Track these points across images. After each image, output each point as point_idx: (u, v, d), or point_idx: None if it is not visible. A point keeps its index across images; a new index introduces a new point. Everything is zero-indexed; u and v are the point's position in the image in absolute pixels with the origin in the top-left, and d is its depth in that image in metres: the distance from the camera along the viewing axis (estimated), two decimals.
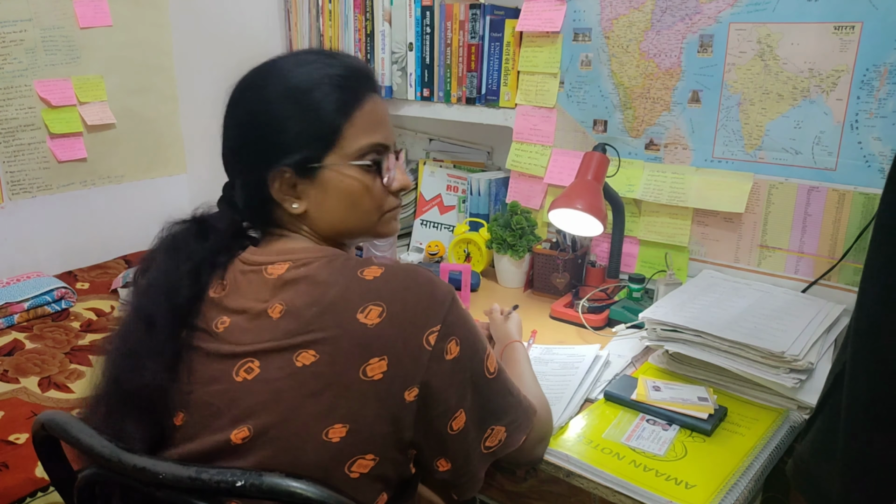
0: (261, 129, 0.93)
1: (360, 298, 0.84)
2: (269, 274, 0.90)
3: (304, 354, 0.82)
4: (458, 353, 0.87)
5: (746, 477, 1.03)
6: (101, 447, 0.80)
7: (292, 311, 0.85)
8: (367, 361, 0.82)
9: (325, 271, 0.88)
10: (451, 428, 0.88)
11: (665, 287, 1.54)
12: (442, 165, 2.13)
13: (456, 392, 0.87)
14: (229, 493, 0.76)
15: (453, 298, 0.88)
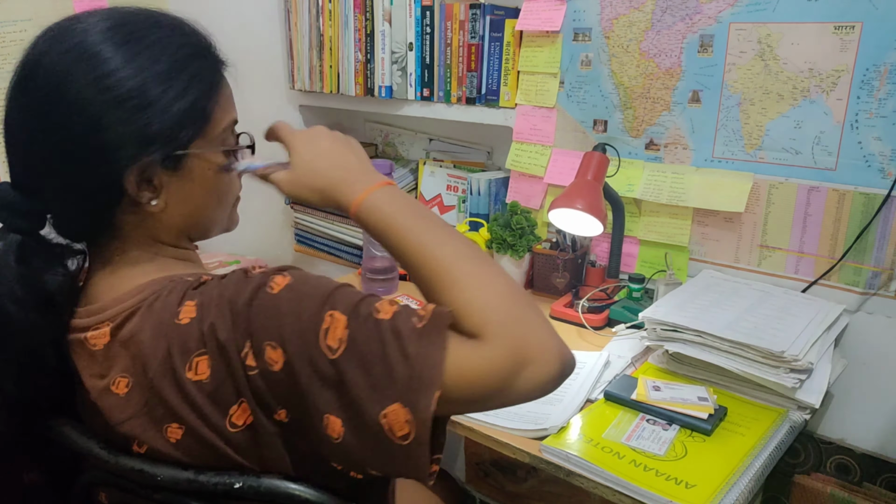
0: (107, 116, 0.74)
1: (182, 354, 0.73)
2: (93, 345, 0.77)
3: (171, 429, 0.75)
4: (284, 357, 0.70)
5: (746, 477, 1.03)
6: (99, 450, 0.80)
7: (135, 384, 0.75)
8: (227, 414, 0.73)
9: (147, 328, 0.75)
10: (330, 436, 0.70)
11: (665, 287, 1.54)
12: (442, 165, 2.13)
13: (308, 398, 0.70)
14: (227, 495, 0.76)
15: (254, 293, 0.72)
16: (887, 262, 1.39)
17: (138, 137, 0.75)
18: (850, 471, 1.46)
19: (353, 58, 2.07)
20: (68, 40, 0.75)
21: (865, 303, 1.42)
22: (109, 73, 0.74)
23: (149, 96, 0.75)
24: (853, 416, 1.47)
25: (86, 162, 0.75)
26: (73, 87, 0.73)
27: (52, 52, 0.74)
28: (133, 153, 0.75)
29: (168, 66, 0.77)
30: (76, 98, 0.73)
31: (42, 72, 0.74)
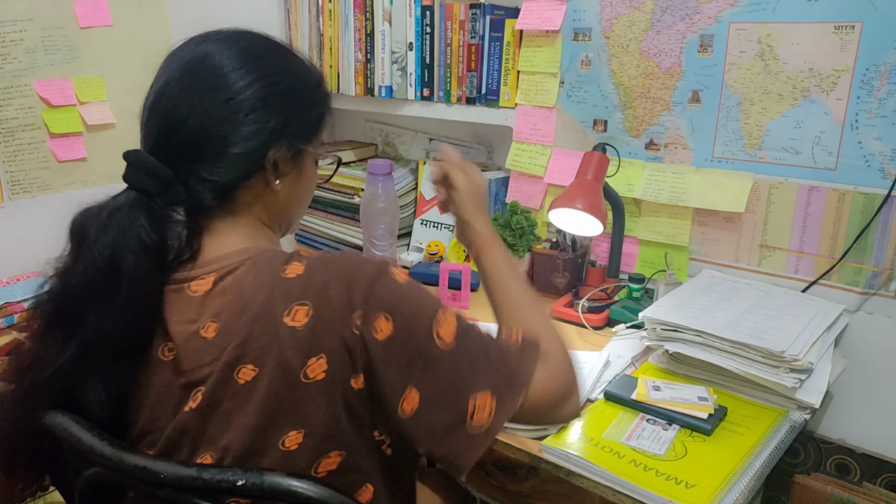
0: (277, 104, 0.90)
1: (285, 300, 0.80)
2: (194, 292, 0.85)
3: (244, 370, 0.80)
4: (393, 331, 0.80)
5: (746, 476, 1.03)
6: (102, 447, 0.80)
7: (225, 326, 0.82)
8: (305, 364, 0.79)
9: (250, 276, 0.84)
10: (402, 411, 0.81)
11: (665, 287, 1.54)
12: None
13: (399, 372, 0.80)
14: (230, 493, 0.76)
15: (380, 273, 0.83)
16: (887, 262, 1.39)
17: (287, 124, 0.91)
18: (850, 471, 1.46)
19: (353, 58, 2.08)
20: (238, 43, 0.94)
21: (865, 303, 1.43)
22: (276, 72, 0.91)
23: (301, 96, 0.93)
24: (853, 416, 1.47)
25: (245, 139, 0.87)
26: (243, 77, 0.88)
27: (222, 51, 0.90)
28: (281, 136, 0.90)
29: (315, 80, 0.97)
30: (244, 86, 0.88)
31: (212, 64, 0.89)
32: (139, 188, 0.86)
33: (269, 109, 0.89)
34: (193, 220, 0.90)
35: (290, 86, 0.93)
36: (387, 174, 1.86)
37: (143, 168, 0.86)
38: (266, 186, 0.92)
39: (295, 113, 0.92)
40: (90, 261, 0.83)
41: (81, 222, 0.88)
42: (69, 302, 0.84)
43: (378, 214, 1.86)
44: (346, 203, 2.17)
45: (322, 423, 0.80)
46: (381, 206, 1.85)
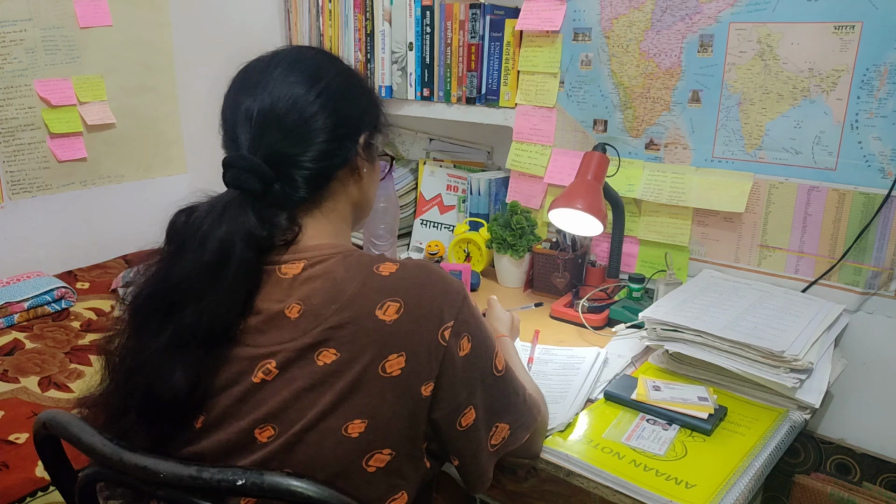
0: (351, 96, 0.97)
1: (378, 294, 0.85)
2: (283, 274, 0.89)
3: (325, 353, 0.83)
4: (470, 350, 0.88)
5: (746, 476, 1.03)
6: (102, 446, 0.80)
7: (311, 310, 0.85)
8: (385, 358, 0.83)
9: (341, 268, 0.88)
10: (460, 424, 0.89)
11: (665, 287, 1.54)
12: (442, 165, 2.13)
13: (466, 388, 0.88)
14: (230, 492, 0.76)
15: (465, 296, 0.90)
16: (887, 262, 1.39)
17: (365, 113, 0.99)
18: (850, 471, 1.46)
19: (353, 58, 2.08)
20: (311, 50, 1.01)
21: (865, 303, 1.43)
22: (346, 70, 1.00)
23: (370, 92, 1.02)
24: (853, 416, 1.47)
25: (335, 127, 0.93)
26: (326, 74, 0.95)
27: (301, 53, 0.98)
28: (364, 123, 0.98)
29: (371, 86, 1.06)
30: (331, 77, 0.95)
31: (301, 67, 0.95)
32: (244, 187, 0.89)
33: (345, 103, 0.96)
34: (291, 212, 0.93)
35: (355, 83, 1.00)
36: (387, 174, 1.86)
37: (246, 168, 0.89)
38: (351, 177, 0.98)
39: (366, 105, 1.00)
40: (200, 253, 0.85)
41: (185, 221, 0.89)
42: (170, 296, 0.86)
43: (378, 214, 1.86)
44: None
45: (386, 418, 0.84)
46: (381, 206, 1.85)
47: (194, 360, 0.84)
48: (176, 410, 0.85)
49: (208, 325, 0.84)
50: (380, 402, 0.83)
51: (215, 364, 0.86)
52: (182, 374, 0.84)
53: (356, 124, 0.97)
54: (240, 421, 0.84)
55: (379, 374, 0.83)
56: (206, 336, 0.85)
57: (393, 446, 0.85)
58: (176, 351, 0.84)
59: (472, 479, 0.94)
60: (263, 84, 0.93)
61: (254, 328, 0.87)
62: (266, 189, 0.90)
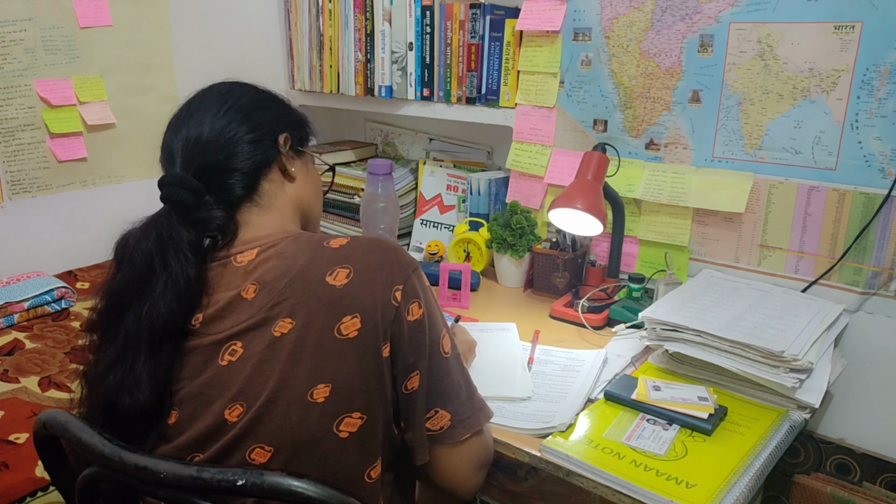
0: (260, 107, 1.05)
1: (328, 263, 0.90)
2: (238, 262, 0.93)
3: (281, 323, 0.87)
4: (420, 317, 0.92)
5: (747, 476, 1.03)
6: (102, 446, 0.80)
7: (265, 286, 0.89)
8: (340, 320, 0.86)
9: (292, 247, 0.93)
10: (405, 387, 0.92)
11: (665, 287, 1.54)
12: (442, 165, 2.13)
13: (414, 353, 0.91)
14: (230, 492, 0.76)
15: (417, 267, 0.94)
16: (887, 262, 1.39)
17: (283, 116, 1.08)
18: (850, 471, 1.46)
19: (353, 58, 2.08)
20: (243, 83, 1.10)
21: (865, 302, 1.43)
22: (259, 88, 1.10)
23: (284, 101, 1.11)
24: (853, 415, 1.47)
25: (254, 129, 1.02)
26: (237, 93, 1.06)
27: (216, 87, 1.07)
28: (281, 125, 1.06)
29: (287, 102, 1.13)
30: (241, 94, 1.05)
31: (214, 92, 1.05)
32: (176, 199, 0.95)
33: (260, 109, 1.04)
34: (229, 214, 0.98)
35: (268, 95, 1.09)
36: (387, 174, 1.86)
37: (175, 183, 0.96)
38: (283, 176, 1.04)
39: (281, 111, 1.08)
40: (129, 264, 0.92)
41: (123, 240, 0.97)
42: (113, 304, 0.92)
43: (378, 214, 1.86)
44: (346, 203, 2.17)
45: (349, 380, 0.87)
46: (381, 206, 1.85)
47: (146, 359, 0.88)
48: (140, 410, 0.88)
49: (148, 326, 0.89)
50: (340, 364, 0.86)
51: (171, 361, 0.90)
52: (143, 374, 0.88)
53: (271, 128, 1.04)
54: (212, 406, 0.87)
55: (335, 336, 0.86)
56: (151, 335, 0.89)
57: (362, 409, 0.88)
58: (127, 355, 0.89)
59: (411, 447, 0.96)
60: (189, 117, 1.03)
61: (213, 317, 0.91)
62: (198, 199, 0.96)
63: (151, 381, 0.88)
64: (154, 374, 0.88)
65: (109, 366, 0.90)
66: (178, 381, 0.90)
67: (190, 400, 0.89)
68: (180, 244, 0.92)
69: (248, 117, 1.02)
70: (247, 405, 0.86)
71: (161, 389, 0.89)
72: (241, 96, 1.05)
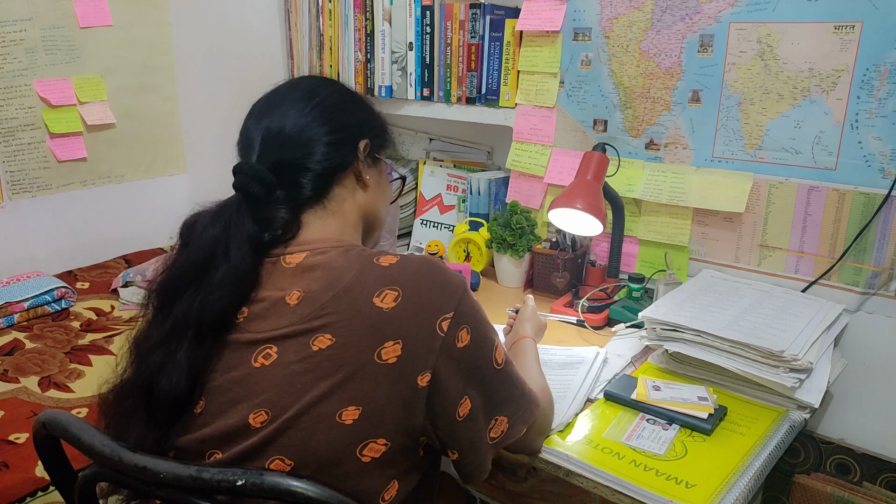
0: (346, 108, 1.05)
1: (376, 283, 0.88)
2: (287, 263, 0.93)
3: (321, 338, 0.85)
4: (469, 342, 0.89)
5: (746, 476, 1.03)
6: (102, 446, 0.80)
7: (309, 296, 0.88)
8: (382, 344, 0.85)
9: (340, 259, 0.92)
10: (458, 415, 0.89)
11: (665, 287, 1.54)
12: (442, 165, 2.13)
13: (464, 379, 0.89)
14: (230, 492, 0.76)
15: (465, 289, 0.92)
16: (887, 262, 1.39)
17: (366, 121, 1.07)
18: (850, 470, 1.46)
19: (353, 57, 2.08)
20: (329, 79, 1.11)
21: (865, 302, 1.43)
22: (345, 88, 1.09)
23: (369, 105, 1.11)
24: (853, 415, 1.48)
25: (335, 131, 1.01)
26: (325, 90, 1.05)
27: (303, 79, 1.09)
28: (363, 131, 1.05)
29: (372, 104, 1.12)
30: (327, 94, 1.04)
31: (301, 86, 1.05)
32: (247, 191, 0.96)
33: (344, 111, 1.04)
34: (294, 211, 0.98)
35: (353, 97, 1.08)
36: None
37: (250, 173, 0.96)
38: (356, 184, 1.04)
39: (365, 116, 1.08)
40: (195, 248, 0.93)
41: (192, 222, 0.96)
42: (171, 284, 0.93)
43: None
44: None
45: (380, 406, 0.85)
46: None
47: (190, 347, 0.89)
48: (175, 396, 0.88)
49: (199, 315, 0.89)
50: (374, 389, 0.84)
51: (211, 352, 0.90)
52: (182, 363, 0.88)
53: (354, 132, 1.03)
54: (238, 405, 0.87)
55: (374, 360, 0.84)
56: (199, 325, 0.89)
57: (388, 436, 0.86)
58: (174, 339, 0.90)
59: (470, 471, 0.95)
60: (274, 107, 1.02)
61: (256, 315, 0.90)
62: (269, 193, 0.96)
63: (190, 369, 0.89)
64: (193, 363, 0.89)
65: (155, 345, 0.91)
66: (212, 371, 0.90)
67: (218, 394, 0.89)
68: (244, 236, 0.93)
69: (331, 118, 1.02)
70: (272, 414, 0.85)
71: (196, 378, 0.89)
72: (329, 95, 1.04)
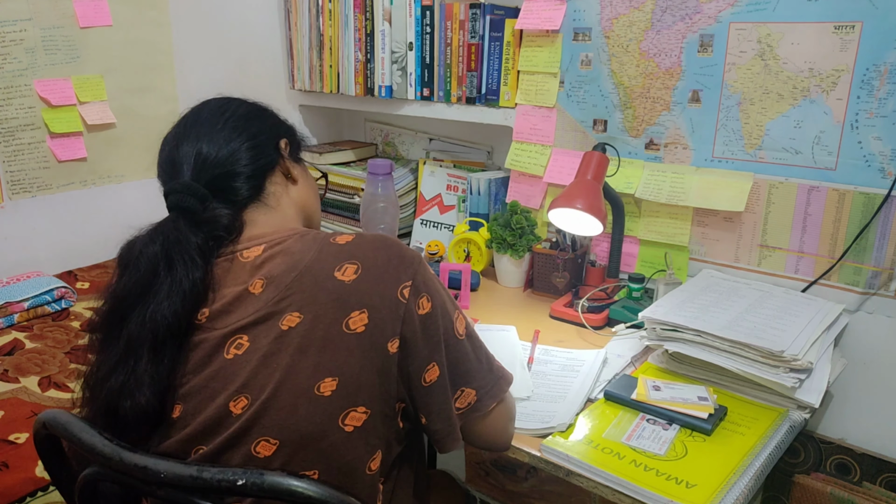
0: (256, 116, 1.09)
1: (335, 259, 0.91)
2: (245, 258, 0.95)
3: (289, 317, 0.88)
4: (430, 309, 0.93)
5: (747, 476, 1.03)
6: (102, 446, 0.80)
7: (272, 280, 0.91)
8: (348, 315, 0.88)
9: (298, 243, 0.95)
10: (424, 380, 0.92)
11: (665, 287, 1.54)
12: (442, 165, 2.13)
13: (428, 346, 0.92)
14: (230, 492, 0.76)
15: (421, 261, 0.95)
16: (887, 262, 1.39)
17: (279, 125, 1.13)
18: (850, 470, 1.46)
19: (353, 57, 2.08)
20: (233, 98, 1.13)
21: (865, 302, 1.43)
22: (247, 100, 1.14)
23: (274, 113, 1.15)
24: (853, 415, 1.48)
25: (255, 136, 1.06)
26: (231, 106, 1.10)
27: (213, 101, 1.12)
28: (279, 132, 1.11)
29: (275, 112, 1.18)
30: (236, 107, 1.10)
31: (210, 107, 1.11)
32: (182, 206, 0.97)
33: (257, 119, 1.08)
34: (235, 213, 1.00)
35: (262, 107, 1.13)
36: (387, 174, 1.86)
37: (184, 191, 0.97)
38: (286, 179, 1.08)
39: (275, 121, 1.13)
40: (135, 268, 0.92)
41: (128, 246, 0.96)
42: (115, 310, 0.93)
43: (378, 214, 1.86)
44: (346, 203, 2.17)
45: (355, 374, 0.87)
46: (381, 205, 1.85)
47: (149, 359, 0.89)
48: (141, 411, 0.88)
49: (151, 327, 0.89)
50: (347, 358, 0.87)
51: (176, 358, 0.90)
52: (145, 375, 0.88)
53: (270, 134, 1.08)
54: (216, 398, 0.88)
55: (343, 331, 0.87)
56: (154, 336, 0.89)
57: (366, 403, 0.89)
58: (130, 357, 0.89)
59: (439, 438, 0.97)
60: (189, 131, 1.06)
61: (218, 312, 0.92)
62: (204, 205, 0.98)
63: (153, 382, 0.88)
64: (156, 375, 0.89)
65: (111, 369, 0.90)
66: (182, 375, 0.90)
67: (194, 394, 0.89)
68: (187, 248, 0.93)
69: (246, 126, 1.06)
70: (252, 397, 0.86)
71: (163, 388, 0.89)
72: (237, 108, 1.09)
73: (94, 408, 0.92)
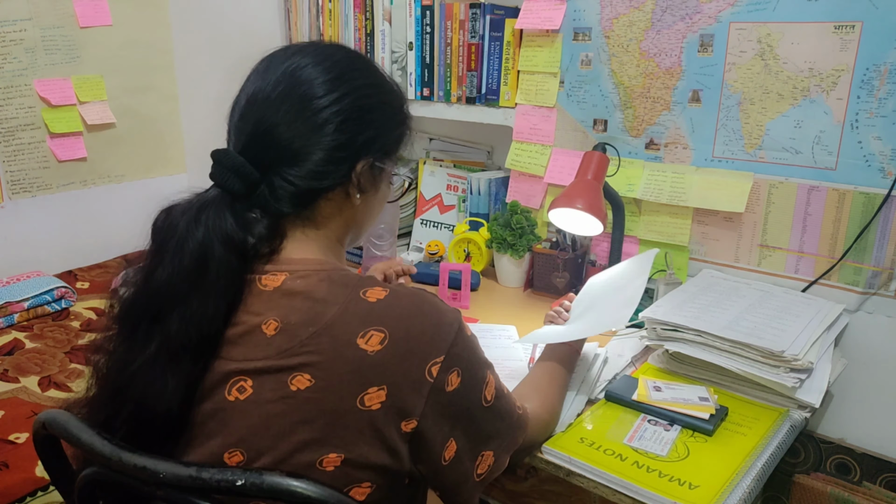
0: (366, 117, 0.91)
1: (361, 322, 0.80)
2: (264, 286, 0.85)
3: (300, 378, 0.79)
4: (459, 385, 0.84)
5: (749, 476, 1.03)
6: (102, 446, 0.80)
7: (287, 328, 0.81)
8: (365, 390, 0.79)
9: (323, 288, 0.84)
10: (444, 459, 0.85)
11: (665, 287, 1.54)
12: (442, 165, 2.13)
13: (450, 422, 0.85)
14: (230, 492, 0.76)
15: (460, 326, 0.86)
16: (887, 262, 1.39)
17: (375, 140, 0.92)
18: (850, 470, 1.46)
19: None
20: (331, 57, 0.91)
21: (865, 302, 1.43)
22: (364, 87, 0.92)
23: (386, 113, 0.94)
24: (853, 415, 1.47)
25: (332, 150, 0.88)
26: (333, 91, 0.88)
27: (314, 63, 0.90)
28: (368, 150, 0.91)
29: (400, 100, 0.98)
30: (335, 99, 0.88)
31: (304, 76, 0.88)
32: (226, 187, 0.86)
33: (357, 123, 0.90)
34: (274, 222, 0.89)
35: (378, 101, 0.93)
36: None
37: (231, 167, 0.86)
38: (346, 200, 0.92)
39: (381, 129, 0.93)
40: (179, 257, 0.82)
41: (167, 220, 0.86)
42: (154, 302, 0.83)
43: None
44: None
45: (363, 453, 0.80)
46: None
47: (185, 371, 0.81)
48: (166, 426, 0.82)
49: (196, 333, 0.81)
50: (356, 437, 0.79)
51: (202, 375, 0.82)
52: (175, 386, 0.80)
53: (359, 149, 0.90)
54: (211, 440, 0.82)
55: (357, 407, 0.79)
56: (195, 345, 0.81)
57: (372, 479, 0.82)
58: (167, 363, 0.81)
59: None
60: (273, 70, 0.90)
61: (230, 339, 0.83)
62: (249, 191, 0.87)
63: (187, 391, 0.81)
64: (191, 385, 0.81)
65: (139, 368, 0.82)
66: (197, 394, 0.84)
67: (197, 424, 0.83)
68: (229, 241, 0.83)
69: (333, 132, 0.88)
70: (248, 457, 0.80)
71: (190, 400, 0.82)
72: (359, 89, 0.91)
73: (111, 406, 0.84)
